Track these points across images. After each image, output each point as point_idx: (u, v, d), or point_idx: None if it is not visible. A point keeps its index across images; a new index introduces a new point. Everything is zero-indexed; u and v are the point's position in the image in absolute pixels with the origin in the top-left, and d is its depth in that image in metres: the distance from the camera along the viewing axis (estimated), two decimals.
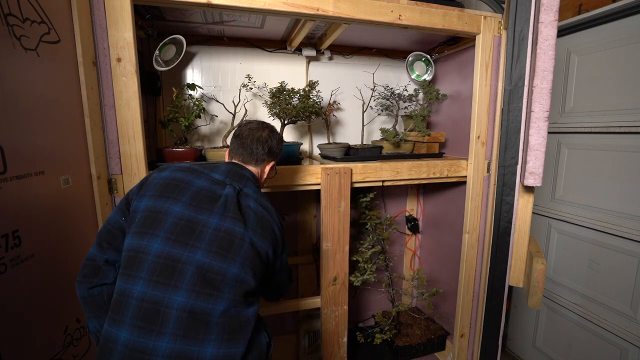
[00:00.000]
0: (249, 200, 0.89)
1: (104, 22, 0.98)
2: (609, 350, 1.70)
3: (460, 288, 1.56)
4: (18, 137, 0.73)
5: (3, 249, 0.69)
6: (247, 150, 0.97)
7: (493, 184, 1.45)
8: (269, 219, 0.89)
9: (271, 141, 1.00)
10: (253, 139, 0.97)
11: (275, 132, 1.03)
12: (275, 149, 1.02)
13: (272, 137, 1.00)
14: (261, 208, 0.89)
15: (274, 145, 1.01)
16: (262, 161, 0.99)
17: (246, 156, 0.98)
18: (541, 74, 0.97)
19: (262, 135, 0.98)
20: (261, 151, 0.98)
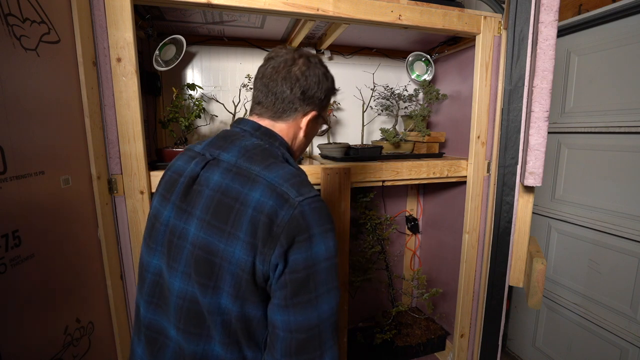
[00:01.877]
0: (215, 172, 0.65)
1: (104, 22, 0.98)
2: (609, 350, 1.69)
3: (460, 288, 1.55)
4: (18, 137, 0.73)
5: (3, 249, 0.69)
6: (265, 94, 0.71)
7: (493, 184, 1.45)
8: (241, 197, 0.60)
9: (307, 79, 0.70)
10: (277, 77, 0.69)
11: (315, 63, 0.73)
12: (315, 91, 0.72)
13: (309, 72, 0.71)
14: (229, 181, 0.62)
15: (312, 84, 0.71)
16: (290, 111, 0.72)
17: (265, 105, 0.72)
18: (541, 74, 0.97)
19: (292, 70, 0.69)
20: (288, 94, 0.70)
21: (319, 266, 0.60)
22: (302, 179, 0.65)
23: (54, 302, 0.84)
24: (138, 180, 1.06)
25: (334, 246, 0.63)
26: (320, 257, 0.60)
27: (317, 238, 0.60)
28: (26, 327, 0.75)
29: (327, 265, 0.61)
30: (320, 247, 0.61)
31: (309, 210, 0.60)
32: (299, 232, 0.59)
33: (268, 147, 0.70)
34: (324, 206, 0.64)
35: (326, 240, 0.61)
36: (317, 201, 0.62)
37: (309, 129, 0.77)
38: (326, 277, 0.61)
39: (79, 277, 0.93)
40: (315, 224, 0.61)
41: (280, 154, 0.70)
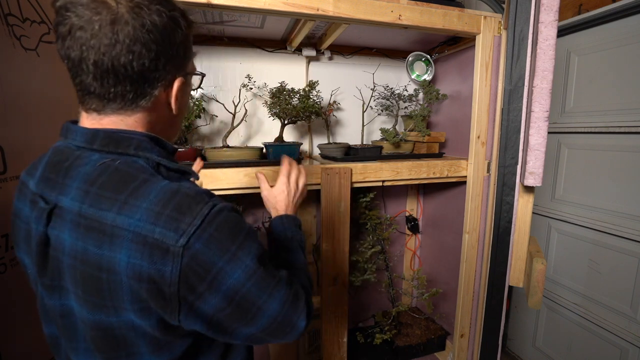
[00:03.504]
0: (63, 228, 0.48)
1: None
2: (609, 350, 1.70)
3: (460, 288, 1.56)
4: (18, 137, 0.73)
5: (3, 249, 0.69)
6: (98, 77, 0.47)
7: (493, 184, 1.45)
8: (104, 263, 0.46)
9: (151, 34, 0.47)
10: (103, 46, 0.45)
11: (148, 5, 0.47)
12: (168, 49, 0.49)
13: (150, 24, 0.46)
14: (82, 242, 0.46)
15: (160, 41, 0.48)
16: (146, 90, 0.50)
17: (104, 93, 0.49)
18: (541, 74, 0.97)
19: (124, 30, 0.45)
20: (135, 67, 0.47)
21: (244, 289, 0.50)
22: (181, 199, 0.47)
23: None
24: None
25: (256, 252, 0.53)
26: (242, 281, 0.50)
27: (228, 268, 0.49)
28: (26, 328, 0.75)
29: (255, 280, 0.51)
30: (236, 273, 0.49)
31: (204, 243, 0.47)
32: (200, 281, 0.47)
33: (120, 162, 0.49)
34: (226, 217, 0.50)
35: (242, 259, 0.50)
36: (213, 220, 0.48)
37: (180, 102, 0.57)
38: (259, 290, 0.52)
39: None
40: (221, 253, 0.48)
41: (144, 161, 0.51)
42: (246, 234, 0.52)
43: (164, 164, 0.53)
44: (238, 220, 0.53)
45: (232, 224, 0.51)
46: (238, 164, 1.27)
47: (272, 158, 1.38)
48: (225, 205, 0.52)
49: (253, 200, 1.69)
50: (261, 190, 0.89)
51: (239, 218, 0.53)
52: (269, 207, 0.88)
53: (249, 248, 0.52)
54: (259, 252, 0.54)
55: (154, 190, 0.47)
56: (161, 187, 0.48)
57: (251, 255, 0.52)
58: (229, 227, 0.50)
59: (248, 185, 1.24)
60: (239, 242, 0.51)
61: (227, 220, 0.50)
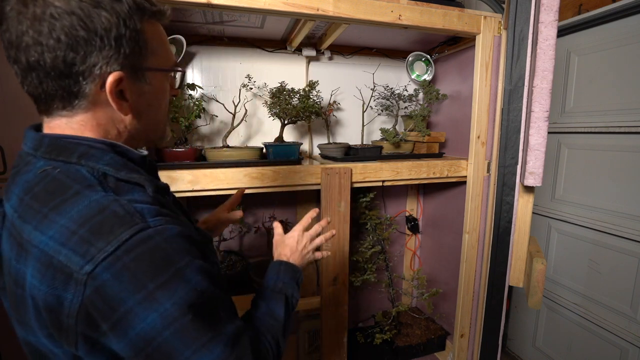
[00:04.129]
0: (3, 238, 0.48)
1: None
2: (609, 350, 1.70)
3: (460, 288, 1.56)
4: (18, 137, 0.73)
5: None
6: (26, 77, 0.45)
7: (493, 184, 1.45)
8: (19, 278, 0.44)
9: (59, 20, 0.41)
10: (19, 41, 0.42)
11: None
12: (84, 42, 0.42)
13: (56, 10, 0.41)
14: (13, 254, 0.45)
15: (72, 28, 0.41)
16: (76, 89, 0.45)
17: (39, 95, 0.46)
18: (541, 74, 0.97)
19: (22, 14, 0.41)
20: (50, 62, 0.42)
21: (160, 338, 0.42)
22: (104, 218, 0.41)
23: None
24: None
25: (184, 297, 0.43)
26: (158, 328, 0.41)
27: (138, 309, 0.41)
28: None
29: (176, 329, 0.42)
30: (149, 317, 0.41)
31: (114, 275, 0.40)
32: (103, 319, 0.40)
33: (59, 171, 0.45)
34: (154, 246, 0.42)
35: (160, 302, 0.41)
36: (133, 249, 0.41)
37: (134, 100, 0.49)
38: (182, 342, 0.42)
39: None
40: (133, 291, 0.40)
41: (87, 171, 0.46)
42: (177, 270, 0.43)
43: (110, 173, 0.46)
44: (173, 252, 0.44)
45: (159, 255, 0.42)
46: (238, 164, 1.27)
47: (272, 158, 1.39)
48: (166, 231, 0.44)
49: (253, 200, 1.69)
50: (274, 236, 0.83)
51: (177, 250, 0.44)
52: (275, 252, 0.80)
53: (174, 290, 0.42)
54: (191, 297, 0.43)
55: (80, 205, 0.42)
56: (90, 202, 0.42)
57: (174, 299, 0.42)
58: (152, 259, 0.42)
59: (248, 185, 1.24)
60: (162, 281, 0.42)
61: (154, 250, 0.42)
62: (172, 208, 0.52)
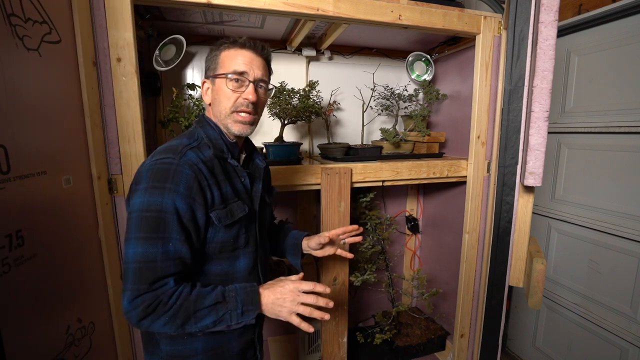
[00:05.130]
0: None
1: (104, 22, 0.98)
2: (609, 350, 1.70)
3: (460, 288, 1.56)
4: (20, 137, 0.73)
5: (7, 248, 0.69)
6: None
7: (493, 184, 1.45)
8: None
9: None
10: None
11: None
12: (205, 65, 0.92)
13: None
14: None
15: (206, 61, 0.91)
16: None
17: None
18: (541, 74, 0.97)
19: None
20: None
21: (131, 215, 0.72)
22: (165, 148, 0.77)
23: (56, 302, 0.84)
24: None
25: (142, 203, 0.71)
26: (135, 207, 0.72)
27: (138, 192, 0.72)
28: (29, 327, 0.75)
29: (135, 216, 0.71)
30: (136, 199, 0.72)
31: (144, 169, 0.74)
32: (131, 185, 0.76)
33: (190, 130, 0.86)
34: (157, 168, 0.73)
35: (140, 195, 0.71)
36: (154, 164, 0.74)
37: (212, 95, 0.85)
38: (132, 226, 0.71)
39: (80, 277, 0.93)
40: (142, 181, 0.73)
41: (194, 129, 0.85)
42: (162, 187, 0.72)
43: (204, 139, 0.83)
44: (172, 178, 0.73)
45: (164, 174, 0.73)
46: None
47: (272, 158, 1.39)
48: (181, 167, 0.74)
49: None
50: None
51: (175, 180, 0.73)
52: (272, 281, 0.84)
53: (153, 194, 0.72)
54: (154, 205, 0.71)
55: (170, 143, 0.81)
56: (180, 140, 0.81)
57: (149, 198, 0.71)
58: (160, 173, 0.73)
59: None
60: (153, 185, 0.72)
61: (165, 169, 0.73)
62: (216, 172, 0.80)
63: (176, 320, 0.71)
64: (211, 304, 0.73)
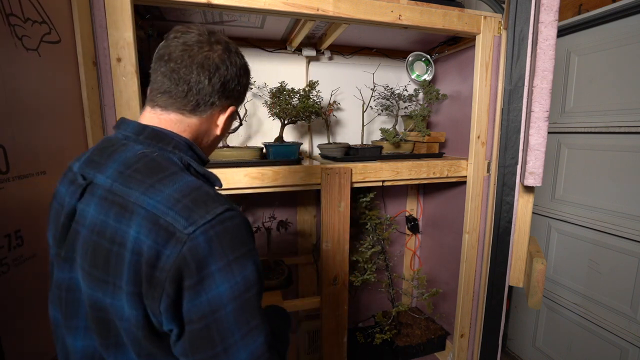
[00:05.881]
0: (90, 203, 0.54)
1: (104, 22, 0.98)
2: (609, 350, 1.70)
3: (460, 288, 1.56)
4: (20, 136, 0.73)
5: (6, 248, 0.69)
6: (174, 82, 0.58)
7: (493, 184, 1.45)
8: (117, 236, 0.50)
9: (227, 69, 0.60)
10: (191, 63, 0.57)
11: (235, 52, 0.63)
12: (235, 84, 0.63)
13: (230, 61, 0.61)
14: (104, 216, 0.51)
15: (233, 76, 0.62)
16: (206, 105, 0.61)
17: (175, 95, 0.59)
18: (541, 74, 0.97)
19: (210, 56, 0.58)
20: (206, 85, 0.59)
21: (222, 312, 0.48)
22: (200, 194, 0.51)
23: None
24: None
25: (250, 276, 0.51)
26: (224, 299, 0.48)
27: (217, 276, 0.48)
28: (28, 327, 0.75)
29: (237, 305, 0.48)
30: (222, 286, 0.48)
31: (207, 239, 0.48)
32: (189, 275, 0.47)
33: (157, 155, 0.55)
34: (236, 225, 0.51)
35: (233, 273, 0.49)
36: (223, 222, 0.50)
37: (225, 127, 0.67)
38: (237, 321, 0.48)
39: None
40: (217, 257, 0.48)
41: (178, 159, 0.57)
42: (248, 250, 0.52)
43: (194, 165, 0.59)
44: (247, 233, 0.54)
45: (239, 233, 0.52)
46: (238, 164, 1.27)
47: (272, 158, 1.39)
48: (241, 216, 0.54)
49: (253, 200, 1.69)
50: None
51: (249, 233, 0.54)
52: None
53: (245, 265, 0.50)
54: (255, 276, 0.51)
55: (180, 182, 0.52)
56: (187, 180, 0.53)
57: (244, 273, 0.50)
58: (234, 235, 0.51)
59: (248, 185, 1.24)
60: (238, 255, 0.50)
61: (236, 227, 0.52)
62: None
63: None
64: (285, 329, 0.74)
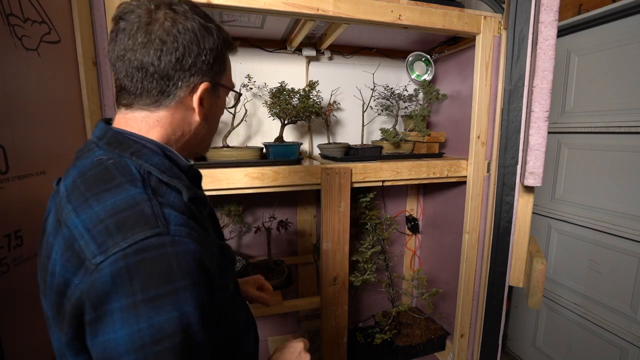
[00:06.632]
0: (52, 209, 0.53)
1: (104, 22, 0.98)
2: (609, 350, 1.70)
3: (460, 288, 1.56)
4: (19, 137, 0.73)
5: (6, 248, 0.69)
6: (127, 73, 0.51)
7: (493, 184, 1.45)
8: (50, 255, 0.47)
9: (176, 39, 0.50)
10: (135, 45, 0.49)
11: (184, 13, 0.51)
12: (196, 54, 0.51)
13: (177, 29, 0.50)
14: (50, 228, 0.50)
15: (188, 44, 0.50)
16: (169, 89, 0.52)
17: (131, 89, 0.51)
18: (541, 74, 0.97)
19: (151, 30, 0.49)
20: (158, 67, 0.50)
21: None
22: (131, 214, 0.43)
23: None
24: None
25: (165, 324, 0.40)
26: (120, 348, 0.38)
27: (116, 317, 0.39)
28: (28, 327, 0.75)
29: (136, 359, 0.38)
30: (120, 331, 0.38)
31: (113, 272, 0.39)
32: (87, 310, 0.40)
33: (112, 163, 0.48)
34: (162, 256, 0.41)
35: (138, 318, 0.39)
36: (142, 251, 0.40)
37: (207, 108, 0.57)
38: None
39: None
40: (121, 294, 0.39)
41: (134, 167, 0.48)
42: (172, 290, 0.40)
43: (154, 173, 0.49)
44: (178, 268, 0.41)
45: (162, 266, 0.41)
46: (238, 164, 1.27)
47: (272, 158, 1.39)
48: (181, 244, 0.43)
49: (253, 201, 1.69)
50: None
51: (183, 268, 0.42)
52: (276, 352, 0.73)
53: (158, 308, 0.39)
54: (171, 323, 0.40)
55: (118, 197, 0.44)
56: (126, 195, 0.44)
57: (153, 320, 0.39)
58: (154, 268, 0.40)
59: (248, 185, 1.24)
60: (152, 295, 0.39)
61: (160, 259, 0.41)
62: (203, 221, 0.54)
63: None
64: None
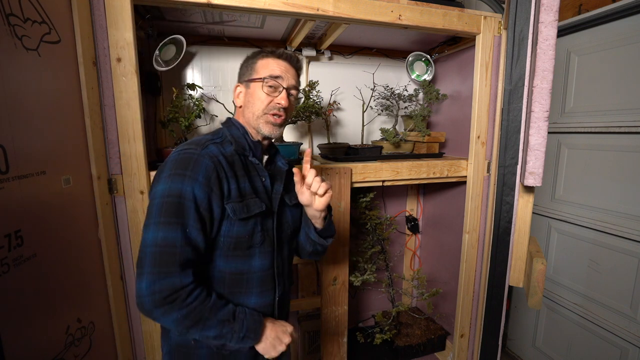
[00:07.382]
0: None
1: (104, 22, 0.98)
2: (609, 350, 1.70)
3: (460, 288, 1.56)
4: (20, 136, 0.73)
5: (6, 249, 0.69)
6: None
7: (493, 184, 1.45)
8: None
9: None
10: None
11: None
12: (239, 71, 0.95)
13: None
14: None
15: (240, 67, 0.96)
16: None
17: None
18: (541, 74, 0.97)
19: None
20: None
21: (153, 201, 0.75)
22: (190, 141, 0.84)
23: (56, 302, 0.84)
24: (138, 181, 1.06)
25: (164, 189, 0.74)
26: (156, 194, 0.75)
27: (161, 179, 0.76)
28: (28, 327, 0.75)
29: (157, 202, 0.74)
30: (159, 186, 0.76)
31: (168, 159, 0.79)
32: (155, 174, 0.81)
33: (215, 130, 0.92)
34: (180, 158, 0.78)
35: (163, 183, 0.75)
36: (176, 153, 0.79)
37: (246, 98, 0.90)
38: (153, 212, 0.74)
39: (80, 277, 0.93)
40: (165, 170, 0.77)
41: (218, 129, 0.91)
42: (176, 171, 0.76)
43: (222, 132, 0.90)
44: (185, 163, 0.76)
45: (179, 162, 0.77)
46: None
47: None
48: (203, 158, 0.78)
49: None
50: None
51: (196, 167, 0.76)
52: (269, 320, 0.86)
53: (170, 180, 0.75)
54: (172, 189, 0.74)
55: (198, 138, 0.86)
56: (198, 138, 0.86)
57: (166, 185, 0.75)
58: (177, 162, 0.77)
59: None
60: (169, 173, 0.76)
61: (179, 159, 0.78)
62: (235, 165, 0.84)
63: (186, 321, 0.72)
64: (221, 318, 0.76)
